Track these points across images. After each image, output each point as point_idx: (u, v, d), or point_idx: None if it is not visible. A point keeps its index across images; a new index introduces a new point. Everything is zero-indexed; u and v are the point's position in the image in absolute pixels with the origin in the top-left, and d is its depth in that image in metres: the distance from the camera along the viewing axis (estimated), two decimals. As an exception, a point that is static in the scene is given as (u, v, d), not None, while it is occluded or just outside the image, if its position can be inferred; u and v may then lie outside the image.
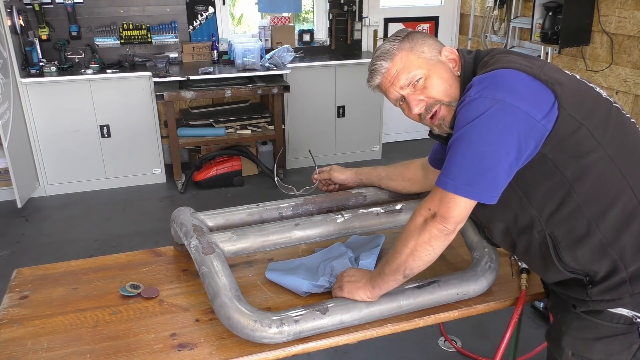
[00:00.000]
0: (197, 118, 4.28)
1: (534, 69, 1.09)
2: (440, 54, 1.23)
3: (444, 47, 1.25)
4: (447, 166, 1.09)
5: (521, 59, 1.14)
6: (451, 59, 1.23)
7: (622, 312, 1.10)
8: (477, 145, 1.05)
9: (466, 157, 1.07)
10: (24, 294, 1.42)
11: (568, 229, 1.10)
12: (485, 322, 2.54)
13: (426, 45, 1.23)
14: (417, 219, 1.15)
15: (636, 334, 1.11)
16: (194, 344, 1.22)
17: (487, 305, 1.37)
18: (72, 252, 3.30)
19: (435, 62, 1.22)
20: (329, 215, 1.49)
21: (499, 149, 1.04)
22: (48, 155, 4.03)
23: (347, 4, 4.72)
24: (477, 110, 1.06)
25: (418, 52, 1.22)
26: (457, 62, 1.23)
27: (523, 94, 1.06)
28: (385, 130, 4.97)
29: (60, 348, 1.22)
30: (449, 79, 1.22)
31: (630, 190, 1.07)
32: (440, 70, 1.22)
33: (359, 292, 1.27)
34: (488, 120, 1.05)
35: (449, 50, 1.25)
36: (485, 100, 1.06)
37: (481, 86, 1.08)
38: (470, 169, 1.06)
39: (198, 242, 1.36)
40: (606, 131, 1.08)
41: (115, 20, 4.27)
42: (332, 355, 2.40)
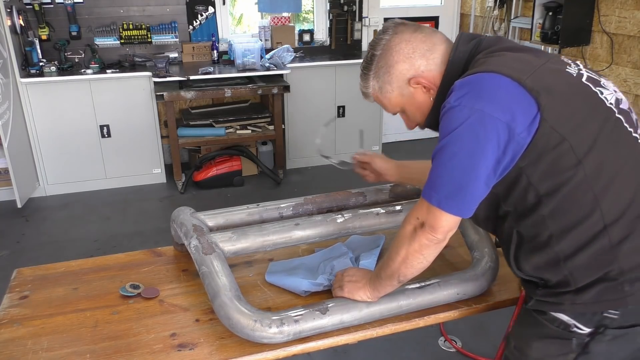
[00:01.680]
0: (197, 118, 4.28)
1: (522, 74, 1.03)
2: (409, 84, 1.18)
3: (414, 75, 1.17)
4: (431, 178, 1.08)
5: (512, 61, 1.08)
6: (421, 86, 1.18)
7: (562, 317, 1.10)
8: (457, 157, 1.03)
9: (448, 169, 1.04)
10: (24, 294, 1.42)
11: (532, 235, 1.09)
12: (485, 322, 2.54)
13: (394, 75, 1.18)
14: (407, 227, 1.13)
15: (572, 343, 1.09)
16: (194, 344, 1.22)
17: (487, 305, 1.37)
18: (72, 252, 3.30)
19: (407, 94, 1.19)
20: (329, 215, 1.49)
21: (478, 162, 1.02)
22: (48, 155, 4.03)
23: (347, 4, 4.73)
24: (456, 120, 1.03)
25: (386, 93, 1.21)
26: (429, 87, 1.17)
27: (504, 103, 1.01)
28: (385, 130, 4.97)
29: (60, 348, 1.22)
30: (426, 104, 1.19)
31: (600, 213, 1.02)
32: (414, 100, 1.20)
33: (359, 292, 1.27)
34: (467, 132, 1.02)
35: (417, 80, 1.17)
36: (463, 110, 1.02)
37: (461, 92, 1.04)
38: (452, 183, 1.04)
39: (198, 242, 1.36)
40: (592, 148, 1.02)
41: (115, 20, 4.27)
42: (332, 355, 2.40)
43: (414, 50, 1.16)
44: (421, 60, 1.16)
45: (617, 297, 1.03)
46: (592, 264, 1.04)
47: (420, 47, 1.16)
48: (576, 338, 1.09)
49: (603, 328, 1.06)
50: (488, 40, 1.16)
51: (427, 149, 1.53)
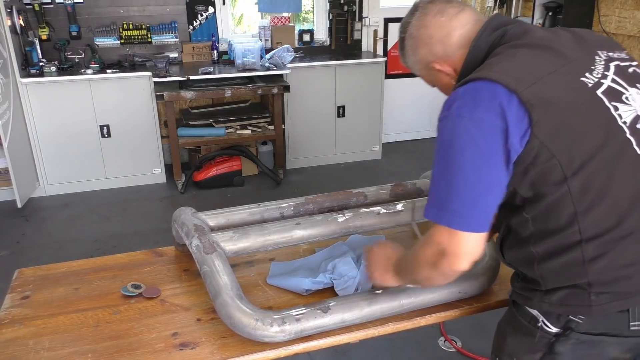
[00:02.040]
0: (197, 118, 4.29)
1: (520, 84, 0.99)
2: (431, 67, 1.20)
3: (433, 60, 1.18)
4: (440, 196, 1.03)
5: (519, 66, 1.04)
6: (441, 70, 1.19)
7: (533, 312, 1.11)
8: (462, 171, 1.00)
9: (460, 186, 1.00)
10: (25, 294, 1.42)
11: (516, 230, 1.11)
12: (485, 322, 2.53)
13: (418, 58, 1.20)
14: (427, 251, 1.07)
15: (540, 341, 1.10)
16: (196, 344, 1.23)
17: (488, 304, 1.37)
18: (72, 252, 3.30)
19: (433, 75, 1.23)
20: (330, 215, 1.49)
21: (487, 170, 1.00)
22: (48, 155, 4.03)
23: (347, 4, 4.73)
24: (456, 130, 1.01)
25: (417, 71, 1.25)
26: (448, 71, 1.18)
27: (499, 112, 0.99)
28: (385, 130, 4.97)
29: (61, 348, 1.22)
30: (450, 86, 1.19)
31: (577, 228, 1.01)
32: (439, 81, 1.23)
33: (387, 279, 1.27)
34: (467, 141, 1.00)
35: (435, 65, 1.19)
36: (462, 120, 1.01)
37: (461, 102, 1.03)
38: (464, 198, 1.00)
39: (199, 242, 1.36)
40: (585, 165, 0.99)
41: (115, 20, 4.27)
42: (332, 355, 2.40)
43: (431, 37, 1.16)
44: (439, 46, 1.16)
45: (582, 304, 1.04)
46: (563, 272, 1.04)
47: (438, 33, 1.15)
48: (543, 336, 1.09)
49: (569, 331, 1.06)
50: (513, 32, 1.12)
51: (427, 149, 1.53)
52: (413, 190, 1.67)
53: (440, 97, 1.18)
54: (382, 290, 1.31)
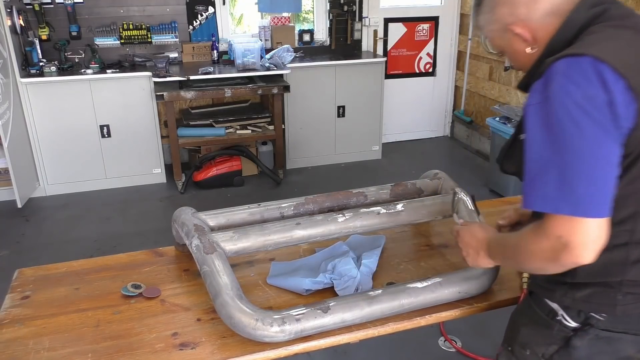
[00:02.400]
0: (197, 118, 4.29)
1: (629, 69, 0.92)
2: (508, 29, 1.10)
3: (513, 22, 1.08)
4: (559, 185, 0.93)
5: (626, 47, 0.97)
6: (519, 35, 1.09)
7: (552, 305, 1.10)
8: (588, 151, 0.91)
9: (582, 168, 0.91)
10: (25, 294, 1.42)
11: None
12: (485, 322, 2.55)
13: (496, 17, 1.11)
14: (544, 245, 0.98)
15: (557, 333, 1.09)
16: (196, 343, 1.23)
17: (488, 305, 1.37)
18: (72, 252, 3.30)
19: (506, 39, 1.12)
20: (330, 215, 1.49)
21: (611, 148, 0.92)
22: (48, 155, 4.03)
23: (347, 4, 4.73)
24: (567, 108, 0.92)
25: (489, 32, 1.15)
26: (526, 38, 1.08)
27: (611, 93, 0.91)
28: (385, 130, 4.97)
29: (62, 348, 1.22)
30: (524, 57, 1.12)
31: (631, 228, 1.00)
32: (511, 47, 1.13)
33: (478, 259, 1.24)
34: (587, 120, 0.91)
35: (514, 27, 1.08)
36: (572, 97, 0.91)
37: (565, 78, 0.93)
38: (591, 182, 0.91)
39: (199, 242, 1.36)
40: None
41: (115, 20, 4.27)
42: (332, 355, 2.40)
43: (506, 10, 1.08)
44: (523, 8, 1.06)
45: (608, 303, 1.03)
46: (600, 269, 1.02)
47: (509, 12, 1.08)
48: (561, 329, 1.09)
49: (589, 327, 1.06)
50: (615, 12, 1.03)
51: (427, 149, 1.53)
52: (413, 190, 1.67)
53: (441, 97, 1.16)
54: (382, 290, 1.31)
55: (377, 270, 1.50)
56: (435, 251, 1.63)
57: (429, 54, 5.14)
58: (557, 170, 0.93)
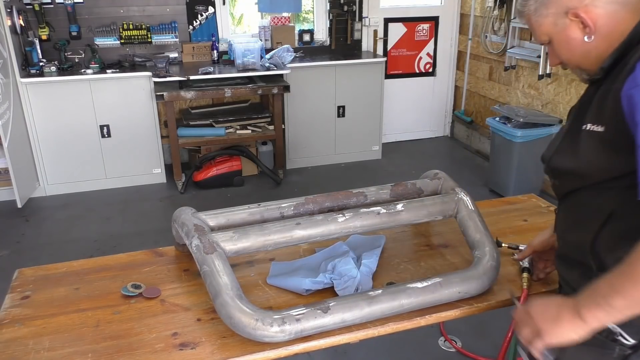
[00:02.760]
0: (197, 118, 4.29)
1: None
2: (568, 15, 1.03)
3: (576, 7, 1.01)
4: None
5: None
6: (579, 21, 1.02)
7: (611, 324, 0.98)
8: None
9: None
10: (25, 294, 1.42)
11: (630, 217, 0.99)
12: (485, 322, 2.55)
13: (553, 2, 1.04)
14: None
15: (612, 352, 1.01)
16: (196, 343, 1.23)
17: (488, 305, 1.37)
18: (72, 252, 3.30)
19: (561, 25, 1.05)
20: (330, 215, 1.49)
21: None
22: (48, 155, 4.03)
23: (347, 4, 4.73)
24: None
25: (539, 17, 1.06)
26: (588, 24, 1.01)
27: None
28: (385, 130, 4.97)
29: (61, 348, 1.22)
30: (578, 46, 1.05)
31: None
32: (565, 34, 1.05)
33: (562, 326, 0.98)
34: None
35: (577, 12, 1.02)
36: None
37: None
38: None
39: (199, 242, 1.36)
40: None
41: (115, 20, 4.27)
42: (332, 355, 2.40)
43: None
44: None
45: None
46: None
47: None
48: (619, 349, 1.01)
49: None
50: None
51: (427, 150, 1.53)
52: (413, 190, 1.67)
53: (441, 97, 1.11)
54: (382, 290, 1.31)
55: (377, 270, 1.50)
56: (435, 251, 1.63)
57: (429, 54, 5.14)
58: None
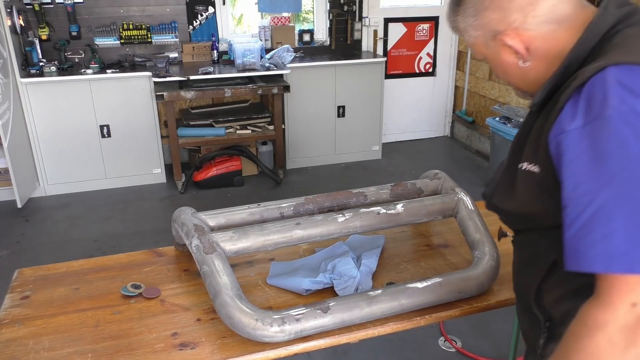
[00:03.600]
0: (197, 118, 4.29)
1: None
2: (496, 38, 0.92)
3: (504, 30, 0.91)
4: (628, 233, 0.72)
5: None
6: (510, 47, 0.92)
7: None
8: None
9: None
10: (25, 294, 1.42)
11: None
12: (485, 322, 2.55)
13: (482, 22, 0.93)
14: (610, 320, 0.72)
15: None
16: (196, 344, 1.23)
17: (488, 305, 1.37)
18: (72, 252, 3.30)
19: (492, 48, 0.95)
20: (330, 215, 1.49)
21: None
22: (48, 155, 4.03)
23: (347, 4, 4.73)
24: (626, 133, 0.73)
25: (469, 38, 0.97)
26: (521, 52, 0.91)
27: None
28: (385, 130, 4.97)
29: (61, 348, 1.22)
30: (513, 70, 0.95)
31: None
32: (498, 58, 0.95)
33: None
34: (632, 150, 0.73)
35: (509, 35, 0.90)
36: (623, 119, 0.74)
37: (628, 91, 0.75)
38: None
39: (199, 242, 1.36)
40: None
41: (115, 20, 4.27)
42: (332, 355, 2.40)
43: (511, 0, 0.89)
44: (517, 14, 0.89)
45: None
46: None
47: (496, 21, 0.91)
48: None
49: None
50: None
51: (427, 150, 1.52)
52: (413, 190, 1.67)
53: (441, 97, 1.08)
54: (382, 290, 1.31)
55: (377, 270, 1.50)
56: (435, 251, 1.63)
57: (429, 54, 5.14)
58: (627, 213, 0.72)
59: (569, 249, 0.77)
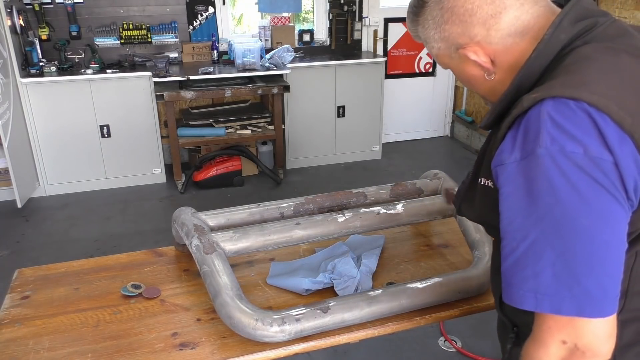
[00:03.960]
0: (197, 118, 4.29)
1: (637, 122, 0.73)
2: (459, 51, 0.89)
3: (466, 44, 0.87)
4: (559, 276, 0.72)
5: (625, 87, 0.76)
6: (473, 62, 0.89)
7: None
8: (598, 231, 0.71)
9: (590, 253, 0.71)
10: (25, 294, 1.42)
11: None
12: (485, 322, 2.54)
13: (443, 35, 0.89)
14: (544, 357, 0.76)
15: None
16: (196, 343, 1.23)
17: (488, 304, 1.37)
18: (72, 252, 3.30)
19: (456, 59, 0.92)
20: (330, 215, 1.49)
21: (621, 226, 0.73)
22: (48, 155, 4.03)
23: (347, 4, 4.73)
24: (569, 173, 0.71)
25: (432, 49, 0.94)
26: (482, 64, 0.88)
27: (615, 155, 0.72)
28: (385, 130, 4.97)
29: (61, 348, 1.22)
30: (480, 83, 0.93)
31: None
32: (463, 71, 0.93)
33: None
34: (595, 189, 0.71)
35: (471, 49, 0.87)
36: (574, 158, 0.71)
37: (559, 131, 0.72)
38: (601, 272, 0.71)
39: (199, 242, 1.36)
40: None
41: (115, 20, 4.27)
42: (332, 355, 2.39)
43: (472, 14, 0.84)
44: (479, 28, 0.85)
45: None
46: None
47: (484, 9, 0.84)
48: None
49: None
50: (608, 29, 0.83)
51: (427, 150, 1.52)
52: (413, 190, 1.67)
53: (441, 97, 1.10)
54: (382, 290, 1.31)
55: (377, 270, 1.50)
56: (435, 251, 1.63)
57: (429, 54, 5.12)
58: (554, 254, 0.72)
59: (505, 282, 0.78)
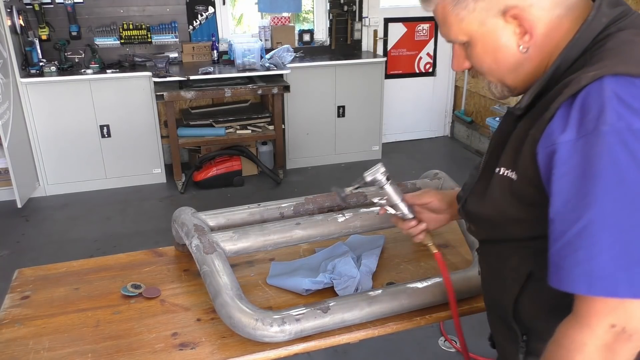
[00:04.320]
0: (197, 118, 4.29)
1: None
2: (504, 15, 0.81)
3: (516, 6, 0.80)
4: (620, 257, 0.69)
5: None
6: (517, 25, 0.81)
7: None
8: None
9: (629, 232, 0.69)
10: (25, 294, 1.42)
11: None
12: (485, 322, 2.54)
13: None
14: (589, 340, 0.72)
15: None
16: (196, 343, 1.23)
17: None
18: (72, 252, 3.30)
19: (490, 26, 0.82)
20: (330, 215, 1.49)
21: None
22: (48, 155, 4.03)
23: (347, 4, 4.73)
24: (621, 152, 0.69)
25: (462, 10, 0.83)
26: (528, 30, 0.81)
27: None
28: (385, 130, 4.97)
29: (61, 348, 1.22)
30: (508, 56, 0.85)
31: None
32: (493, 39, 0.83)
33: None
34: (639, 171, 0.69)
35: (517, 14, 0.80)
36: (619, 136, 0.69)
37: (626, 108, 0.70)
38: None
39: (199, 242, 1.36)
40: None
41: (115, 20, 4.27)
42: (332, 355, 2.40)
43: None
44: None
45: None
46: None
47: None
48: None
49: None
50: (635, 20, 0.82)
51: (427, 150, 1.52)
52: (413, 190, 1.67)
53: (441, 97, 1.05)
54: (382, 290, 1.31)
55: (377, 270, 1.50)
56: (435, 251, 1.63)
57: (429, 54, 5.14)
58: (613, 235, 0.69)
59: (553, 265, 0.75)
